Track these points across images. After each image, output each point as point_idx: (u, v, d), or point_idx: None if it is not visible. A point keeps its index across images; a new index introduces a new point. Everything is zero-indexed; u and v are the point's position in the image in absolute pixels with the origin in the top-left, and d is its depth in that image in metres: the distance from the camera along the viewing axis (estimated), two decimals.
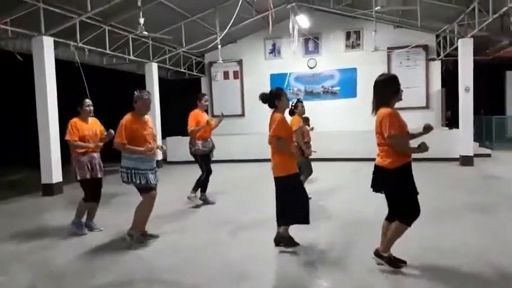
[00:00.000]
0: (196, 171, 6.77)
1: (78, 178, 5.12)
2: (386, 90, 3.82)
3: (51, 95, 8.00)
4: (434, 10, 10.36)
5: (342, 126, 12.87)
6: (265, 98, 4.45)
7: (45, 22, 7.73)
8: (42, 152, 8.03)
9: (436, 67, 12.98)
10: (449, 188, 7.45)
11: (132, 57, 10.69)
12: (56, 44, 8.29)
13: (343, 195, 7.17)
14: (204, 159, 6.60)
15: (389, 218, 3.74)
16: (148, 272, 3.97)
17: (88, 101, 5.25)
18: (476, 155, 10.53)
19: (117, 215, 6.06)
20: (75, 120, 5.15)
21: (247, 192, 7.74)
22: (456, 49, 10.62)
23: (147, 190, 4.61)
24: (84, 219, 5.33)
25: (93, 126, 5.28)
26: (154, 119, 11.61)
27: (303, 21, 11.01)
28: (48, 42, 7.96)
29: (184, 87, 15.01)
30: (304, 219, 4.33)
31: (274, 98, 4.41)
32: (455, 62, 10.80)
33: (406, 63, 13.09)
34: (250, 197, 7.31)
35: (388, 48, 12.92)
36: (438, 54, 12.76)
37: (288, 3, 10.33)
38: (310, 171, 6.71)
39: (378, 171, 3.70)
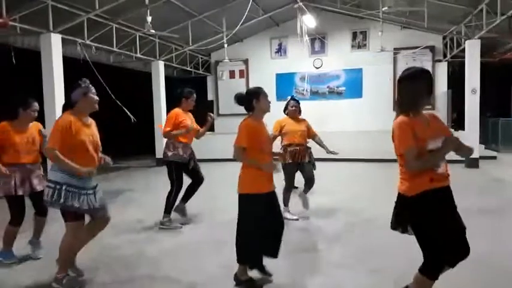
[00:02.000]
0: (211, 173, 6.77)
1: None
2: (413, 89, 2.67)
3: (59, 92, 8.06)
4: (442, 11, 10.33)
5: (347, 126, 12.85)
6: (240, 99, 3.66)
7: (53, 19, 7.79)
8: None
9: (443, 68, 12.94)
10: (454, 191, 7.34)
11: (138, 55, 10.74)
12: (64, 42, 8.35)
13: (351, 197, 7.16)
14: (178, 170, 5.28)
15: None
16: (151, 269, 3.98)
17: (35, 105, 4.23)
18: (482, 157, 10.49)
19: (123, 211, 6.09)
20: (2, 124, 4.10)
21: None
22: (463, 51, 10.59)
23: (77, 217, 3.43)
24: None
25: (31, 132, 4.22)
26: (160, 117, 11.67)
27: (309, 21, 11.02)
28: (56, 39, 8.02)
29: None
30: (270, 251, 3.55)
31: (251, 98, 3.60)
32: (462, 64, 10.76)
33: (413, 64, 12.99)
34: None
35: (395, 49, 12.89)
36: (445, 56, 12.72)
37: (295, 3, 10.34)
38: (288, 182, 5.59)
39: (398, 200, 2.78)
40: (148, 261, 4.18)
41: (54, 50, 7.98)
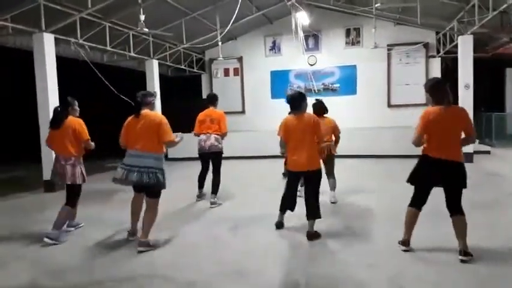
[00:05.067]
0: (195, 169, 6.76)
1: (81, 182, 5.05)
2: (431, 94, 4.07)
3: (52, 92, 8.02)
4: (434, 7, 10.37)
5: (341, 123, 12.80)
6: (298, 99, 4.77)
7: (45, 19, 7.73)
8: (44, 149, 8.04)
9: (436, 64, 12.99)
10: None
11: (132, 54, 10.70)
12: (57, 41, 8.30)
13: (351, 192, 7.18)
14: None
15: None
16: (149, 268, 3.98)
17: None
18: (475, 152, 10.54)
19: (117, 211, 6.06)
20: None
21: (246, 189, 7.75)
22: (456, 46, 10.63)
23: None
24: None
25: None
26: None
27: (303, 18, 11.02)
28: (48, 38, 7.97)
29: (185, 84, 15.03)
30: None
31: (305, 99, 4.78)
32: (455, 59, 10.81)
33: (406, 60, 13.11)
34: (249, 194, 7.33)
35: (388, 46, 12.93)
36: (438, 51, 12.77)
37: (288, 0, 10.34)
38: None
39: (452, 164, 3.94)
40: (146, 260, 4.18)
41: (47, 49, 7.93)
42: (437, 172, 3.91)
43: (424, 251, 4.10)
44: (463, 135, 3.97)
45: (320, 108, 6.31)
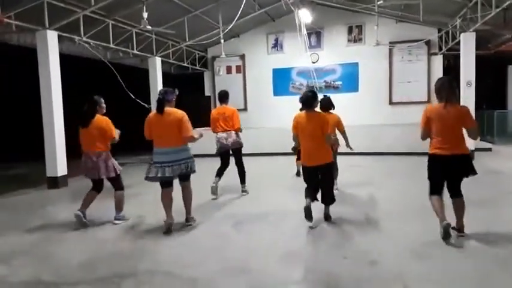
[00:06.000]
0: (205, 167, 6.81)
1: (114, 175, 5.33)
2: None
3: (56, 89, 8.07)
4: (437, 4, 10.36)
5: (343, 120, 12.85)
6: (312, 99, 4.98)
7: (49, 16, 7.78)
8: (47, 146, 8.12)
9: (438, 61, 12.99)
10: None
11: (135, 51, 10.74)
12: (60, 39, 8.35)
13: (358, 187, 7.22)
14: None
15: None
16: (152, 264, 4.00)
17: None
18: (477, 149, 10.54)
19: (125, 207, 6.10)
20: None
21: (250, 186, 7.77)
22: (458, 43, 10.63)
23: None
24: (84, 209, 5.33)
25: None
26: None
27: (305, 15, 11.03)
28: (52, 36, 8.01)
29: (187, 82, 15.05)
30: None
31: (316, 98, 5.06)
32: (457, 57, 10.81)
33: (408, 57, 13.10)
34: (253, 191, 7.35)
35: (390, 43, 12.93)
36: (440, 49, 12.77)
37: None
38: None
39: (462, 157, 4.32)
40: (149, 257, 4.21)
41: (51, 46, 7.97)
42: (445, 167, 4.23)
43: (427, 247, 4.12)
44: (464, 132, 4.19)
45: (327, 104, 6.51)
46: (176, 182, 5.11)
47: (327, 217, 5.14)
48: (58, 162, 8.09)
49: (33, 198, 7.43)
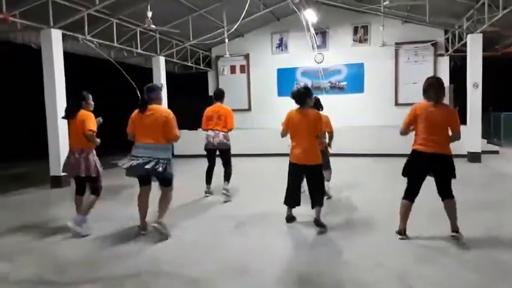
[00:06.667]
0: (201, 166, 6.78)
1: (95, 175, 5.05)
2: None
3: (60, 88, 8.06)
4: (443, 5, 10.26)
5: (348, 121, 12.82)
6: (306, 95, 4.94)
7: (53, 15, 7.77)
8: (51, 144, 8.10)
9: (445, 63, 12.88)
10: (456, 185, 7.31)
11: (139, 50, 10.71)
12: (64, 37, 8.33)
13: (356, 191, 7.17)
14: None
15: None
16: (153, 265, 3.99)
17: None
18: (484, 152, 10.46)
19: (124, 207, 6.09)
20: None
21: (251, 187, 7.74)
22: (465, 45, 10.53)
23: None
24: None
25: None
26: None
27: (310, 15, 10.97)
28: (56, 34, 8.00)
29: (191, 81, 15.03)
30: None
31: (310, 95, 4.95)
32: (464, 58, 10.71)
33: (414, 58, 13.01)
34: (253, 192, 7.32)
35: (396, 44, 12.84)
36: (447, 50, 12.66)
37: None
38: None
39: (445, 158, 4.29)
40: (150, 257, 4.19)
41: (55, 45, 7.96)
42: (426, 164, 4.23)
43: (429, 249, 4.06)
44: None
45: (316, 105, 6.34)
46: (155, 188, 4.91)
47: (318, 223, 4.77)
48: (61, 161, 8.04)
49: (36, 197, 7.42)
